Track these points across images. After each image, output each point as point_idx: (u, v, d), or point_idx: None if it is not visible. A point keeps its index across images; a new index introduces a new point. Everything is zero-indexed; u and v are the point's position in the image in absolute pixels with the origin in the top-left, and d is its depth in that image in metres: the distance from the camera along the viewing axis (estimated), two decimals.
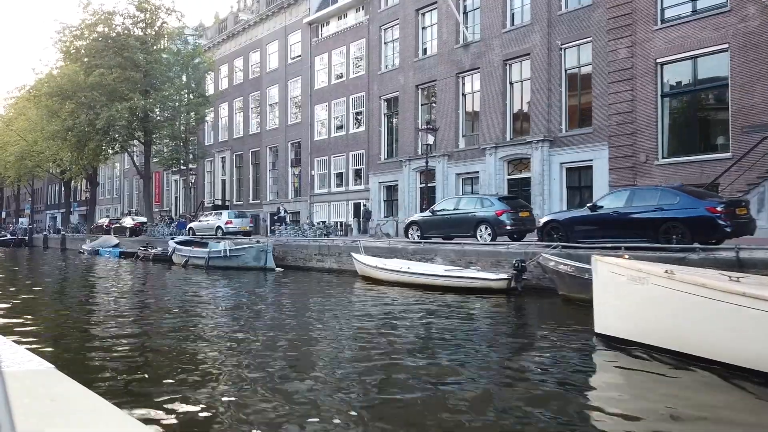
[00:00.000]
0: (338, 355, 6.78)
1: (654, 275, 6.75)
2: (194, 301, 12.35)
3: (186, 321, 9.75)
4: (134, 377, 5.87)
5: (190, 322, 9.61)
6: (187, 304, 11.93)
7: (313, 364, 6.37)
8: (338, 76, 30.98)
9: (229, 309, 11.22)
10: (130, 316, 10.43)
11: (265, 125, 36.43)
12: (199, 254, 19.46)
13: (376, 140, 28.41)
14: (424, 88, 26.13)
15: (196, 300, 12.57)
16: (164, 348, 7.41)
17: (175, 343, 7.70)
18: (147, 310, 11.29)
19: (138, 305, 12.17)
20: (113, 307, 11.67)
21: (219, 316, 10.41)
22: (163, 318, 10.18)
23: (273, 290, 14.00)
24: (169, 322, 9.76)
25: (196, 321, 9.76)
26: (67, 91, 26.03)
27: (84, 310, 11.50)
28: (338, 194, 30.54)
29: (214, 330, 8.81)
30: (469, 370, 5.96)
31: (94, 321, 9.91)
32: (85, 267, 23.08)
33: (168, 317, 10.23)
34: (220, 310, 11.17)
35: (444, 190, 24.49)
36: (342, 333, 8.21)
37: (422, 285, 11.97)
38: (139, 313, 10.99)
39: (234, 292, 13.78)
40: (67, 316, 10.70)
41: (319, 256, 17.16)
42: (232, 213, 25.92)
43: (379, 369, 6.08)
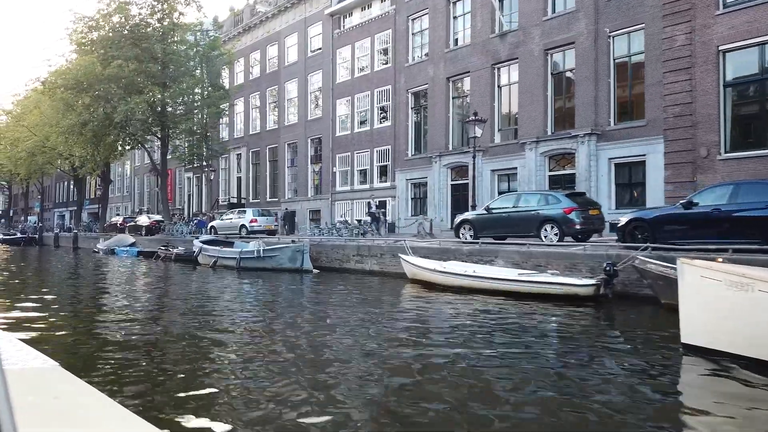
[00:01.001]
0: (400, 374, 5.64)
1: (763, 281, 6.05)
2: (225, 305, 11.25)
3: (215, 326, 8.76)
4: (158, 383, 5.42)
5: (218, 327, 8.62)
6: (216, 308, 10.84)
7: (365, 387, 5.22)
8: (362, 69, 29.78)
9: (263, 315, 10.13)
10: (157, 319, 9.40)
11: (283, 121, 35.26)
12: (229, 254, 18.28)
13: (402, 135, 27.20)
14: (456, 80, 24.89)
15: (228, 304, 11.45)
16: (188, 353, 6.72)
17: (202, 349, 6.92)
18: (175, 314, 10.19)
19: (166, 308, 11.06)
20: (139, 310, 10.58)
21: (252, 321, 9.33)
22: (191, 322, 9.19)
23: (313, 294, 12.84)
24: (196, 326, 8.79)
25: (225, 326, 8.79)
26: (83, 84, 24.90)
27: (108, 312, 10.43)
28: (362, 192, 29.35)
29: (245, 337, 7.87)
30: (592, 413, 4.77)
31: (120, 324, 8.88)
32: (103, 267, 21.97)
33: (196, 321, 9.21)
34: (253, 315, 10.09)
35: (479, 187, 23.24)
36: (403, 347, 7.02)
37: (489, 290, 10.77)
38: (167, 316, 9.88)
39: (269, 296, 12.63)
40: (90, 318, 9.65)
41: (357, 257, 15.98)
42: (256, 211, 24.75)
43: (454, 392, 4.95)
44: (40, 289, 14.94)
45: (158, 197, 51.34)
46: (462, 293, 11.19)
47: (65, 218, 65.81)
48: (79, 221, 42.42)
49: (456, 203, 24.62)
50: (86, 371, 5.61)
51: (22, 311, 10.54)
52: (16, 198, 71.95)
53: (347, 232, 19.38)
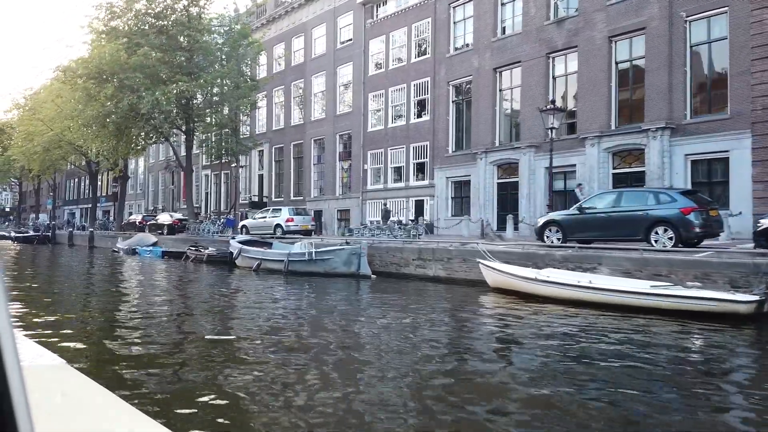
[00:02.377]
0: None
1: None
2: (276, 313, 9.75)
3: (266, 339, 7.44)
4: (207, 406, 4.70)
5: (269, 340, 7.27)
6: (268, 317, 9.28)
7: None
8: (397, 61, 28.14)
9: (320, 327, 8.54)
10: (205, 331, 7.78)
11: (309, 116, 33.66)
12: (276, 257, 16.62)
13: (442, 130, 25.54)
14: (504, 70, 23.22)
15: (278, 312, 9.93)
16: (236, 369, 5.93)
17: (253, 367, 6.00)
18: (222, 324, 8.60)
19: (214, 318, 9.45)
20: (182, 319, 9.07)
21: (307, 336, 7.78)
22: (240, 333, 7.84)
23: (377, 304, 11.19)
24: (245, 337, 7.67)
25: (277, 338, 7.41)
26: (105, 73, 23.32)
27: (150, 322, 8.89)
28: (396, 190, 27.71)
29: (298, 355, 6.58)
30: None
31: (164, 336, 7.29)
32: (127, 269, 20.41)
33: (244, 332, 7.85)
34: (310, 328, 8.58)
35: (530, 185, 21.60)
36: (531, 381, 5.38)
37: (609, 305, 9.11)
38: (216, 326, 8.29)
39: (326, 306, 11.01)
40: (130, 328, 8.07)
41: (419, 261, 14.33)
42: (291, 209, 23.13)
43: None
44: (66, 294, 13.40)
45: (173, 194, 50.08)
46: (569, 306, 9.54)
47: (75, 216, 64.50)
48: (94, 219, 40.93)
49: (503, 203, 22.97)
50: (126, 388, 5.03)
51: (52, 320, 8.99)
52: (24, 195, 70.71)
53: (403, 232, 17.68)
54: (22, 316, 9.61)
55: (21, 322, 8.74)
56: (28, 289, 14.24)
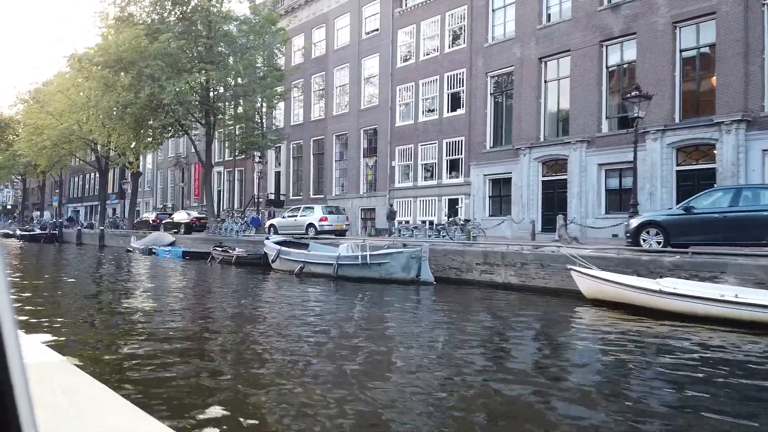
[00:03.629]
0: None
1: None
2: (329, 326, 8.20)
3: (317, 355, 6.00)
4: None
5: (322, 359, 5.74)
6: (319, 330, 7.71)
7: None
8: (429, 52, 26.60)
9: (389, 344, 7.04)
10: (237, 342, 6.23)
11: (331, 110, 32.12)
12: (322, 260, 14.97)
13: (479, 125, 24.01)
14: (550, 60, 21.69)
15: (332, 325, 8.41)
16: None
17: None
18: (262, 337, 7.08)
19: (253, 329, 7.93)
20: (219, 331, 7.48)
21: (376, 354, 6.27)
22: (289, 350, 6.40)
23: (451, 317, 9.68)
24: (294, 356, 6.26)
25: (329, 354, 6.07)
26: (124, 60, 21.74)
27: (177, 334, 7.33)
28: (427, 189, 26.18)
29: (372, 387, 5.09)
30: None
31: (214, 357, 5.73)
32: (147, 270, 18.89)
33: (294, 346, 6.40)
34: (374, 342, 7.07)
35: (581, 184, 20.07)
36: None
37: (762, 324, 7.59)
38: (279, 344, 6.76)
39: (391, 318, 9.51)
40: (162, 344, 6.57)
41: (485, 265, 12.80)
42: (324, 208, 21.57)
43: None
44: (87, 298, 11.88)
45: (184, 192, 48.55)
46: (705, 324, 8.02)
47: (80, 214, 62.97)
48: (104, 217, 39.37)
49: (548, 202, 21.46)
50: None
51: (76, 330, 7.51)
52: (27, 192, 69.18)
53: (462, 234, 16.09)
54: (45, 325, 8.11)
55: (50, 334, 7.25)
56: (44, 290, 12.76)
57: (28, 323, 8.71)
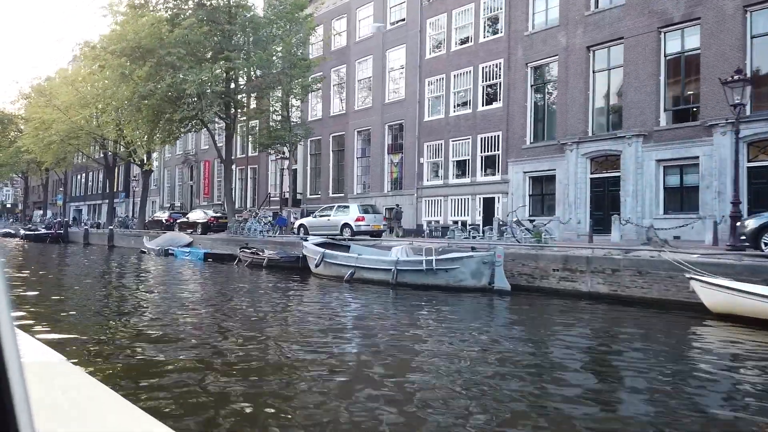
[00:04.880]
0: None
1: None
2: (406, 347, 6.72)
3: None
4: None
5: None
6: (390, 353, 6.23)
7: None
8: (462, 41, 25.13)
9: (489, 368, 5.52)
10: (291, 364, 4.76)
11: (352, 105, 30.64)
12: (377, 264, 13.29)
13: (518, 119, 22.55)
14: (600, 49, 20.23)
15: (409, 345, 6.94)
16: None
17: None
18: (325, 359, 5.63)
19: (305, 343, 6.48)
20: (270, 351, 6.02)
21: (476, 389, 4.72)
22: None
23: (550, 333, 8.23)
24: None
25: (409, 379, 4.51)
26: (142, 49, 20.16)
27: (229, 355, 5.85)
28: (459, 187, 24.72)
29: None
30: None
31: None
32: (168, 274, 17.38)
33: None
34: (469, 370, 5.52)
35: (637, 181, 18.62)
36: None
37: None
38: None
39: (479, 339, 8.06)
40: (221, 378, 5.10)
41: (565, 272, 11.36)
42: (360, 207, 20.07)
43: None
44: (107, 310, 10.39)
45: (192, 190, 47.01)
46: None
47: (82, 213, 61.45)
48: (112, 216, 37.82)
49: (598, 201, 20.01)
50: None
51: (104, 346, 6.06)
52: (27, 191, 67.60)
53: (530, 236, 14.60)
54: (71, 339, 6.66)
55: (74, 347, 5.80)
56: (62, 295, 11.30)
57: (48, 332, 7.32)
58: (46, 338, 7.05)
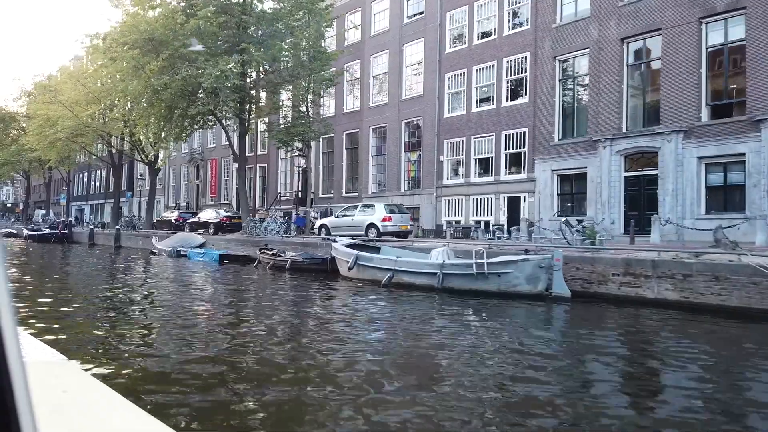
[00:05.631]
0: None
1: None
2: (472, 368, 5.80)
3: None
4: None
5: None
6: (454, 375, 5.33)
7: None
8: (484, 35, 24.23)
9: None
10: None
11: (367, 101, 29.73)
12: (419, 268, 12.22)
13: (546, 115, 21.66)
14: (635, 41, 19.33)
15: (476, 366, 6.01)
16: None
17: None
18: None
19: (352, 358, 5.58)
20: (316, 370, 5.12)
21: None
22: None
23: (656, 357, 7.32)
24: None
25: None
26: (156, 40, 19.17)
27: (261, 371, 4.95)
28: (482, 186, 23.81)
29: None
30: None
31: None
32: (184, 277, 16.45)
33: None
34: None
35: (676, 179, 17.73)
36: None
37: None
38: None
39: (553, 354, 7.17)
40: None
41: (626, 276, 10.44)
42: (386, 206, 19.13)
43: None
44: (123, 317, 9.47)
45: (198, 190, 46.06)
46: None
47: (84, 213, 60.48)
48: (118, 216, 36.87)
49: (633, 201, 19.12)
50: None
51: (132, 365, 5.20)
52: (29, 190, 66.62)
53: (582, 237, 13.65)
54: (92, 351, 5.76)
55: (104, 367, 4.91)
56: (74, 300, 10.39)
57: (64, 339, 6.50)
58: (64, 347, 6.17)
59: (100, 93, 27.87)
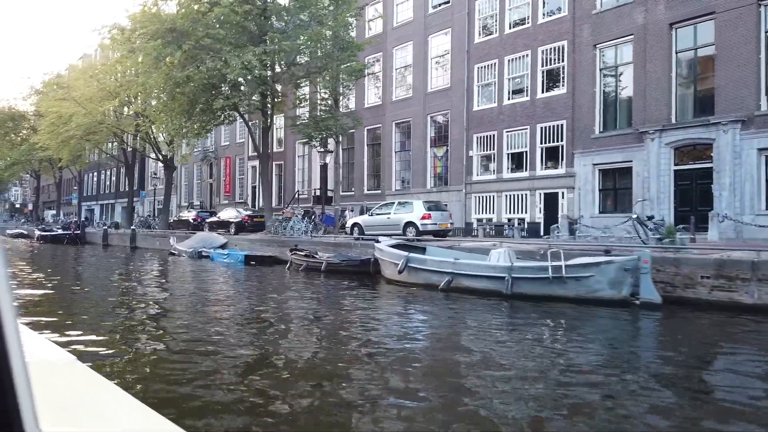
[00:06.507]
0: None
1: None
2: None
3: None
4: None
5: None
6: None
7: None
8: (517, 23, 23.13)
9: None
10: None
11: (389, 95, 28.70)
12: (484, 271, 11.08)
13: (586, 106, 20.57)
14: (685, 26, 18.20)
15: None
16: None
17: None
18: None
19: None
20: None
21: None
22: None
23: None
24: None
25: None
26: (177, 31, 18.10)
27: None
28: (515, 182, 22.74)
29: None
30: None
31: None
32: (211, 280, 15.45)
33: None
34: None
35: (733, 173, 16.61)
36: None
37: None
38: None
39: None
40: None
41: (718, 279, 9.36)
42: (425, 204, 18.08)
43: None
44: (155, 325, 8.47)
45: (212, 189, 45.14)
46: None
47: (94, 213, 59.76)
48: (131, 216, 35.99)
49: (685, 197, 18.00)
50: None
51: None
52: (39, 190, 65.97)
53: (658, 236, 12.57)
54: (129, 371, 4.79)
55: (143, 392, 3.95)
56: (99, 304, 9.43)
57: (97, 356, 5.63)
58: (96, 364, 5.20)
59: (114, 88, 26.96)
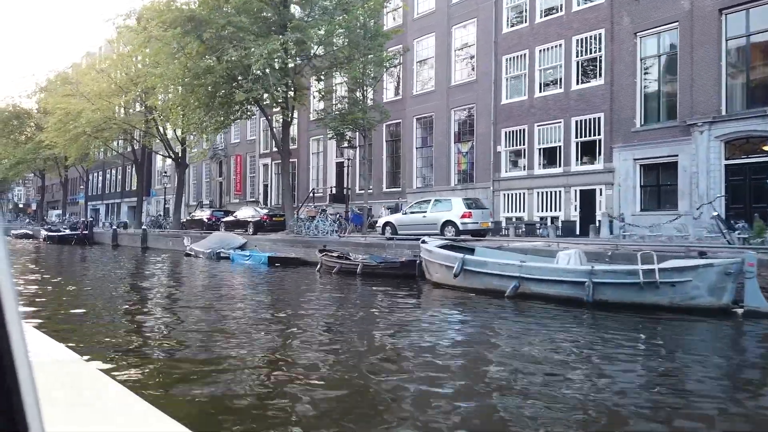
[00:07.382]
0: None
1: None
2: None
3: None
4: None
5: None
6: None
7: None
8: (548, 11, 22.04)
9: None
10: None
11: (410, 89, 27.66)
12: (557, 275, 9.85)
13: (626, 97, 19.49)
14: (736, 11, 17.11)
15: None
16: None
17: None
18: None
19: None
20: None
21: None
22: None
23: None
24: None
25: None
26: (196, 20, 17.04)
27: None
28: (548, 178, 21.67)
29: None
30: None
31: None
32: (237, 283, 14.42)
33: None
34: None
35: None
36: None
37: None
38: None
39: None
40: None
41: None
42: (465, 201, 17.00)
43: None
44: (188, 337, 7.45)
45: (222, 187, 44.13)
46: None
47: (100, 212, 58.79)
48: (141, 215, 34.99)
49: (736, 192, 16.92)
50: None
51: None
52: (44, 190, 65.02)
53: (746, 235, 11.52)
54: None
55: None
56: (119, 311, 8.41)
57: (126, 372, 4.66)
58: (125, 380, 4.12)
59: (125, 83, 25.96)
